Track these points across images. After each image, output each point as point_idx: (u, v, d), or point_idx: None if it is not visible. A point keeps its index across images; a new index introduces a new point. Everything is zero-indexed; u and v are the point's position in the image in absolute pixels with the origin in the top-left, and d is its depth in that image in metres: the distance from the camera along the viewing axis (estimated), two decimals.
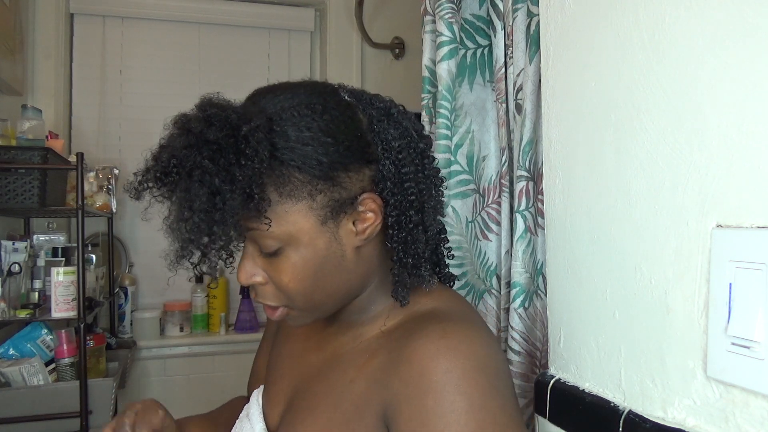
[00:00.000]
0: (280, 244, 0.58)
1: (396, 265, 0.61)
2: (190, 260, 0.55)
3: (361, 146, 0.58)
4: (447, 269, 0.71)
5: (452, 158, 1.01)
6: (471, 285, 1.02)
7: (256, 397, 0.75)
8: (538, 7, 0.75)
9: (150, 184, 0.53)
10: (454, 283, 0.73)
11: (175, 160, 0.52)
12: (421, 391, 0.53)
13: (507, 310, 0.91)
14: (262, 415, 0.72)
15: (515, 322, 0.87)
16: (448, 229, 1.01)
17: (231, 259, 0.58)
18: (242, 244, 0.60)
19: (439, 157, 1.00)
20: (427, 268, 0.61)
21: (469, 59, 1.03)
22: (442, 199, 0.65)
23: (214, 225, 0.52)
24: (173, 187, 0.52)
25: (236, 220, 0.53)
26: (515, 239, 0.87)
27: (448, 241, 0.71)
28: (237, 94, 0.83)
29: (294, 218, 0.57)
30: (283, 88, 0.60)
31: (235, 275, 0.62)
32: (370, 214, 0.59)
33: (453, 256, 0.72)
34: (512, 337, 0.88)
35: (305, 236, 0.57)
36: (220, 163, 0.51)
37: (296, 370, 0.71)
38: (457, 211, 1.02)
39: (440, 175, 0.66)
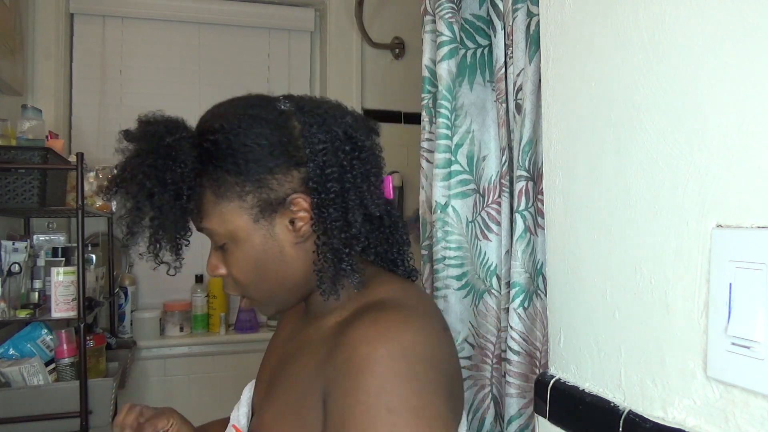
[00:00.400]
0: (225, 239, 0.67)
1: (318, 260, 0.66)
2: (153, 251, 0.66)
3: (289, 151, 0.65)
4: (408, 263, 0.76)
5: (452, 158, 1.01)
6: (471, 285, 1.02)
7: (250, 385, 0.81)
8: (538, 7, 0.75)
9: (114, 189, 0.64)
10: (417, 278, 0.76)
11: (129, 167, 0.63)
12: (344, 374, 0.58)
13: (507, 310, 0.91)
14: (250, 400, 0.79)
15: (515, 322, 0.87)
16: (448, 229, 1.01)
17: (180, 251, 0.68)
18: (188, 240, 0.69)
19: (439, 156, 1.00)
20: (350, 263, 0.65)
21: (469, 59, 1.03)
22: (379, 199, 0.68)
23: (148, 220, 0.63)
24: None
25: (171, 218, 0.64)
26: (515, 239, 0.87)
27: (407, 237, 0.75)
28: (237, 94, 0.85)
29: (230, 217, 0.65)
30: (226, 103, 0.69)
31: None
32: (303, 213, 0.65)
33: (411, 256, 0.76)
34: (512, 337, 0.87)
35: (242, 233, 0.66)
36: (157, 167, 0.61)
37: (275, 358, 0.78)
38: (457, 210, 1.02)
39: (380, 175, 0.70)
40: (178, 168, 0.62)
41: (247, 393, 0.80)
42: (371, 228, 0.72)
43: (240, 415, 0.77)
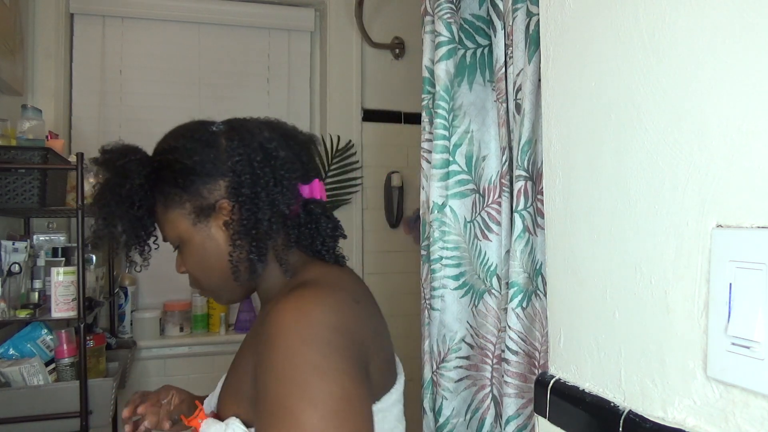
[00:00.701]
0: (177, 242, 0.82)
1: (233, 251, 0.78)
2: (116, 251, 0.90)
3: (216, 164, 0.78)
4: (333, 252, 0.85)
5: (451, 158, 1.01)
6: (470, 285, 1.02)
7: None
8: (538, 6, 0.75)
9: (92, 206, 0.81)
10: (344, 263, 0.86)
11: (98, 187, 0.80)
12: (263, 344, 0.68)
13: (506, 310, 0.91)
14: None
15: (513, 321, 0.87)
16: (445, 229, 1.01)
17: (144, 252, 0.85)
18: (155, 245, 0.86)
19: (437, 157, 1.00)
20: (257, 254, 0.77)
21: (468, 59, 1.03)
22: (290, 199, 0.79)
23: (109, 228, 0.79)
24: None
25: (129, 224, 0.80)
26: (513, 239, 0.87)
27: (333, 230, 0.84)
28: (237, 94, 0.88)
29: (175, 223, 0.80)
30: (173, 129, 0.83)
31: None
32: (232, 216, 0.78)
33: (332, 246, 0.84)
34: (510, 337, 0.87)
35: (186, 234, 0.80)
36: (116, 185, 0.78)
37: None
38: (454, 211, 1.02)
39: (295, 178, 0.80)
40: (128, 184, 0.78)
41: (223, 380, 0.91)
42: (292, 224, 0.81)
43: (213, 396, 0.88)
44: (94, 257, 2.03)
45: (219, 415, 0.79)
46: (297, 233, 0.82)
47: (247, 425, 0.72)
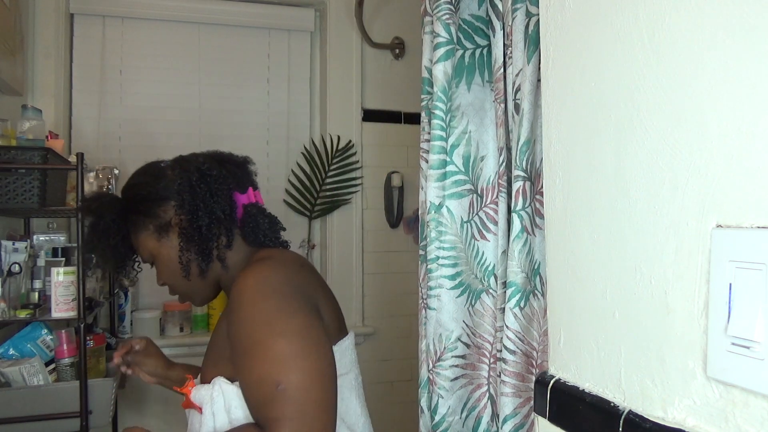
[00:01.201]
0: (151, 259, 1.02)
1: (182, 253, 0.98)
2: (104, 274, 1.27)
3: (165, 190, 0.99)
4: (275, 241, 1.05)
5: (448, 159, 1.01)
6: (466, 285, 1.02)
7: None
8: (537, 7, 0.75)
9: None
10: (288, 246, 1.09)
11: (86, 228, 1.04)
12: (231, 308, 0.86)
13: (503, 309, 0.91)
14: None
15: (510, 321, 0.87)
16: (441, 229, 1.01)
17: (128, 274, 1.10)
18: (139, 268, 1.13)
19: (434, 158, 1.00)
20: (200, 254, 0.97)
21: (467, 60, 1.03)
22: (225, 206, 0.98)
23: (94, 254, 1.05)
24: None
25: (109, 253, 1.02)
26: (511, 239, 0.87)
27: (270, 225, 1.04)
28: (237, 94, 0.90)
29: (144, 243, 1.01)
30: (134, 172, 1.05)
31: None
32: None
33: (273, 236, 1.05)
34: (507, 337, 0.87)
35: (155, 251, 1.00)
36: (95, 224, 1.01)
37: None
38: (451, 211, 1.02)
39: (229, 188, 1.00)
40: (101, 221, 1.00)
41: None
42: (233, 225, 1.00)
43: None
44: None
45: (203, 383, 0.94)
46: (241, 232, 1.01)
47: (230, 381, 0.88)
